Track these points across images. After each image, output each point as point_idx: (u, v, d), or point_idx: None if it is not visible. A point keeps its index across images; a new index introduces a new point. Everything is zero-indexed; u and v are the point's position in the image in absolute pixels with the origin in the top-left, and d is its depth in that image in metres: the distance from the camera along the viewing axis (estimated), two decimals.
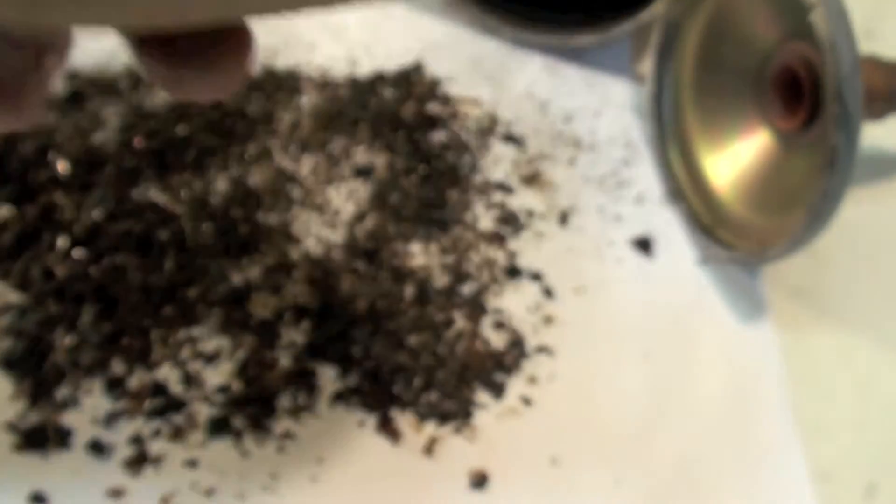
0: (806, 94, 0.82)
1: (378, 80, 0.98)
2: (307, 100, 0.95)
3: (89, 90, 0.92)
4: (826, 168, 0.72)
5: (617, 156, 0.96)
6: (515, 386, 0.79)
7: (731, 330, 0.84)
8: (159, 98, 0.93)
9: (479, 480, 0.74)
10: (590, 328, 0.83)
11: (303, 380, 0.76)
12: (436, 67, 1.01)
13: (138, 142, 0.89)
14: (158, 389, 0.75)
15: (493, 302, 0.83)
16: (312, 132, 0.92)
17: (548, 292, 0.85)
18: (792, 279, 0.89)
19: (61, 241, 0.81)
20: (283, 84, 0.96)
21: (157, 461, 0.72)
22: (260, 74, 0.96)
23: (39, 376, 0.74)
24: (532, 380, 0.79)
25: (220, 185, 0.87)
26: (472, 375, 0.78)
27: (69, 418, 0.73)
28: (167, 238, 0.82)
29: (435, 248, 0.85)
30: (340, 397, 0.76)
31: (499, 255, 0.86)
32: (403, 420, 0.76)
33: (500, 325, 0.82)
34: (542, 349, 0.81)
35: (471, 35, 1.04)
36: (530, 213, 0.90)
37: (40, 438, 0.71)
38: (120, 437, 0.72)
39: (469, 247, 0.86)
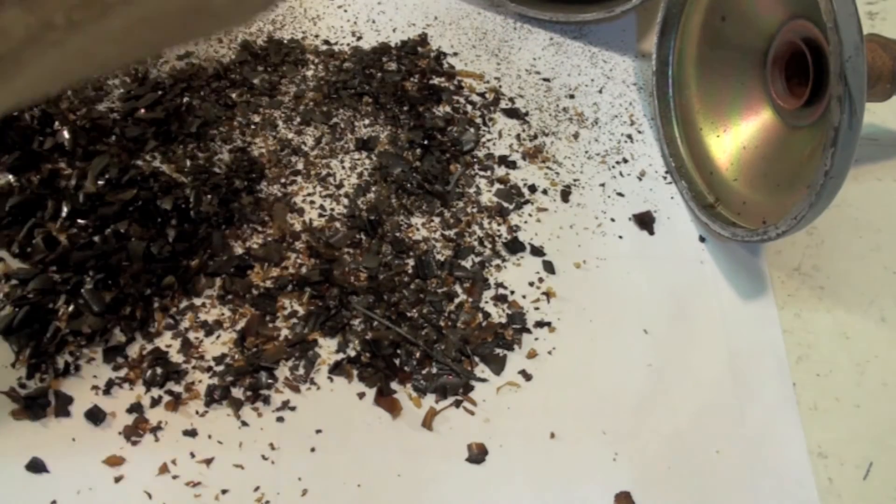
0: (809, 74, 0.82)
1: (383, 53, 0.98)
2: (312, 72, 0.95)
3: None
4: (828, 147, 0.71)
5: (620, 132, 0.96)
6: (515, 360, 0.79)
7: (732, 307, 0.85)
8: (164, 68, 0.93)
9: (479, 454, 0.74)
10: (590, 303, 0.83)
11: (303, 351, 0.77)
12: (440, 41, 1.00)
13: (142, 111, 0.89)
14: (158, 358, 0.75)
15: (494, 276, 0.83)
16: (316, 104, 0.92)
17: (549, 267, 0.85)
18: (793, 257, 0.89)
19: (64, 210, 0.81)
20: (288, 56, 0.96)
21: (155, 430, 0.72)
22: (265, 46, 0.96)
23: (40, 344, 0.74)
24: (532, 354, 0.79)
25: (224, 155, 0.87)
26: (473, 349, 0.78)
27: (69, 386, 0.73)
28: (169, 207, 0.82)
29: (437, 222, 0.86)
30: (340, 369, 0.76)
31: (500, 230, 0.86)
32: (403, 393, 0.76)
33: (500, 300, 0.82)
34: (543, 324, 0.81)
35: (475, 10, 1.04)
36: (532, 188, 0.90)
37: (40, 406, 0.71)
38: (119, 405, 0.73)
39: (471, 221, 0.86)
